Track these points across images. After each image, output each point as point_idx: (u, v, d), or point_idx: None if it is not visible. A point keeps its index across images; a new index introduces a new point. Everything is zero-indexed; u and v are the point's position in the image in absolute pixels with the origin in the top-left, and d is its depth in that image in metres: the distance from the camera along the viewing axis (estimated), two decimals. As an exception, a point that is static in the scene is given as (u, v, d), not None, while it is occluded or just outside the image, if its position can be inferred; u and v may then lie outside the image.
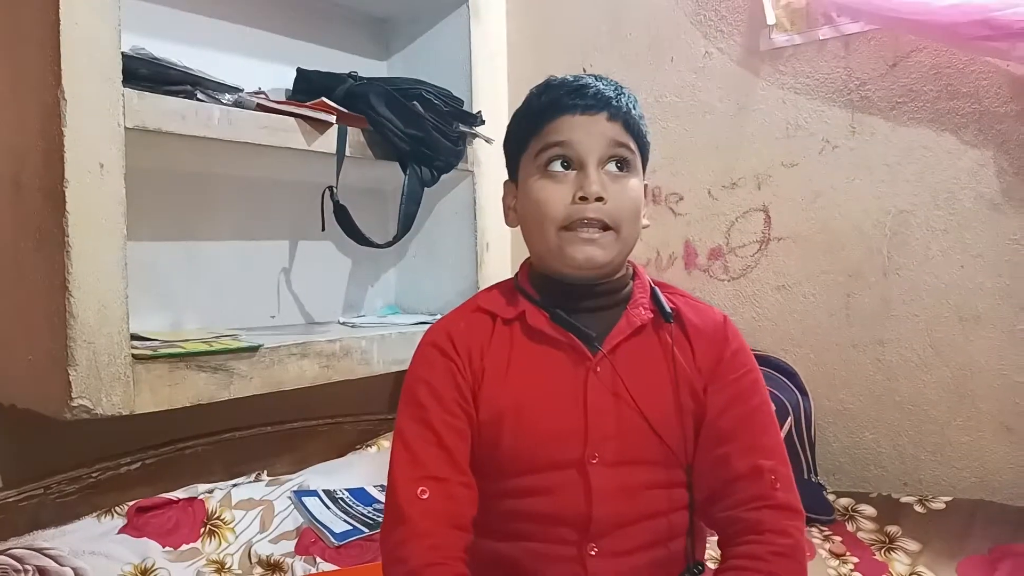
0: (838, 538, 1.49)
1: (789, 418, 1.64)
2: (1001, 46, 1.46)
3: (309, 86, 1.75)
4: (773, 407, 0.92)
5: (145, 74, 1.34)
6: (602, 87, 0.88)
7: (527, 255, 0.96)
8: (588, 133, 0.86)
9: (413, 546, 0.81)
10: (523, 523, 0.86)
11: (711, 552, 1.03)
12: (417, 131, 1.71)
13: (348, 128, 1.65)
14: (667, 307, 0.90)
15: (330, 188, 1.64)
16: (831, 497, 1.63)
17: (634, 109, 0.89)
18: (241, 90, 1.52)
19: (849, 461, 1.75)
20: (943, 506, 1.53)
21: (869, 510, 1.57)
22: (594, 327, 0.88)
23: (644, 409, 0.85)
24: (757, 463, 0.85)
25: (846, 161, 1.73)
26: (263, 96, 1.61)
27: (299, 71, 1.80)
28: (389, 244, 1.75)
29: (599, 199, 0.84)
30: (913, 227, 1.67)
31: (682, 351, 0.89)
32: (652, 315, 0.90)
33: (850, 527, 1.53)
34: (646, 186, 0.92)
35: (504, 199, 0.96)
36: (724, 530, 0.86)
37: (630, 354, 0.88)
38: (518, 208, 0.93)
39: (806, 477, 1.64)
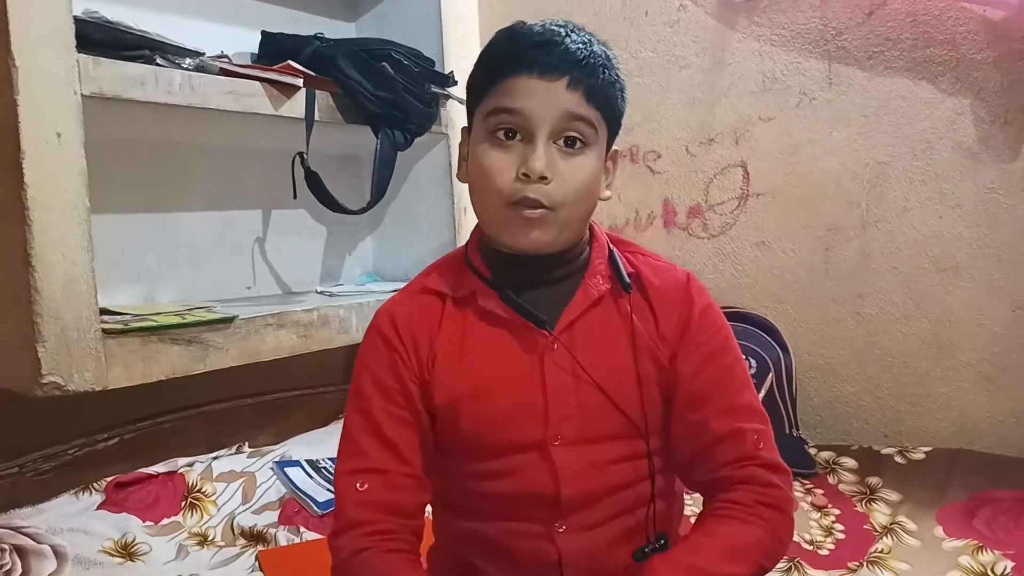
0: (820, 491, 1.50)
1: (770, 374, 1.65)
2: (978, -10, 1.44)
3: (274, 49, 1.70)
4: (747, 364, 0.91)
5: (100, 39, 1.29)
6: (570, 44, 0.79)
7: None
8: (542, 102, 0.78)
9: (346, 536, 0.80)
10: (491, 502, 0.85)
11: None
12: (387, 93, 1.67)
13: (316, 92, 1.61)
14: (626, 275, 0.86)
15: (300, 154, 1.61)
16: (812, 451, 1.64)
17: (603, 74, 0.80)
18: (203, 54, 1.48)
19: (830, 415, 1.76)
20: (923, 456, 1.55)
21: (850, 462, 1.58)
22: (549, 302, 0.84)
23: (603, 384, 0.83)
24: (738, 426, 0.83)
25: (823, 113, 1.71)
26: (226, 60, 1.56)
27: (264, 34, 1.75)
28: (363, 210, 1.72)
29: (542, 178, 0.78)
30: (891, 179, 1.66)
31: (643, 318, 0.85)
32: (610, 284, 0.86)
33: (831, 480, 1.55)
34: (616, 152, 0.87)
35: (460, 147, 0.88)
36: (710, 490, 0.85)
37: (587, 328, 0.84)
38: (468, 166, 0.85)
39: (787, 432, 1.64)
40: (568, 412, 0.83)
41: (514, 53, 0.80)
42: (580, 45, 0.79)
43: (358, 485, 0.81)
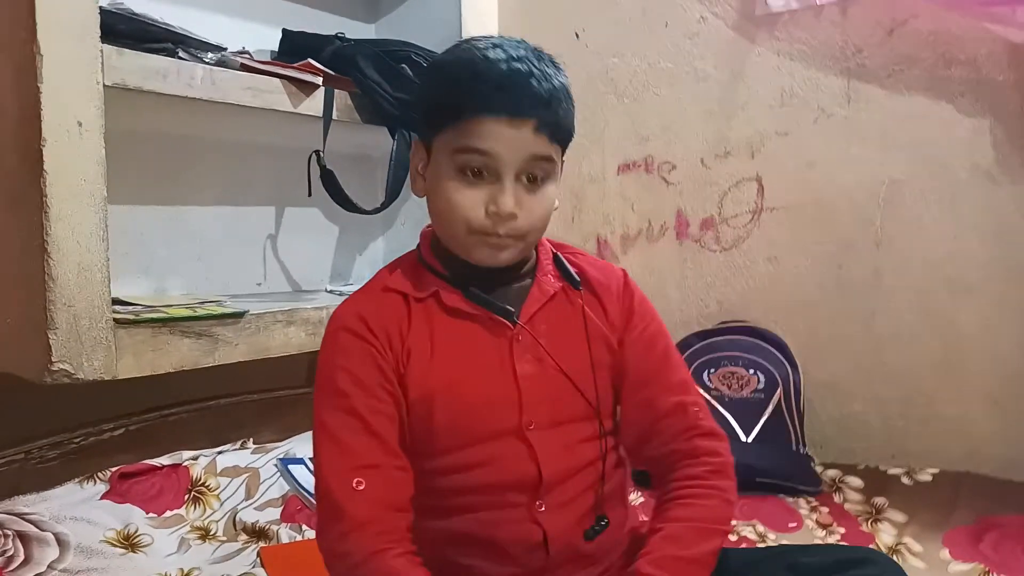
0: (825, 509, 1.49)
1: (778, 389, 1.64)
2: (1002, 11, 1.44)
3: (295, 47, 1.71)
4: (674, 346, 0.98)
5: (124, 30, 1.29)
6: (535, 85, 0.80)
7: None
8: (510, 146, 0.81)
9: (356, 537, 0.80)
10: (469, 496, 0.87)
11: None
12: (406, 95, 1.67)
13: (335, 91, 1.62)
14: (574, 273, 0.93)
15: (317, 152, 1.61)
16: (819, 469, 1.63)
17: (564, 108, 0.84)
18: (225, 49, 1.48)
19: (837, 433, 1.75)
20: (930, 478, 1.54)
21: (856, 481, 1.57)
22: (507, 300, 0.89)
23: (566, 369, 0.89)
24: (679, 399, 0.92)
25: (841, 130, 1.71)
26: (247, 56, 1.57)
27: (285, 32, 1.76)
28: (377, 210, 1.72)
29: (511, 214, 0.82)
30: (906, 197, 1.65)
31: (593, 310, 0.92)
32: (561, 283, 0.92)
33: (837, 498, 1.54)
34: (562, 163, 0.89)
35: (412, 160, 0.91)
36: (660, 463, 0.92)
37: (546, 320, 0.90)
38: (428, 185, 0.88)
39: (794, 448, 1.64)
40: (539, 398, 0.88)
41: (481, 94, 0.81)
42: (544, 84, 0.82)
43: (354, 483, 0.81)
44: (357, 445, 0.83)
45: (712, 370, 1.68)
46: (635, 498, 1.44)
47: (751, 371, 1.67)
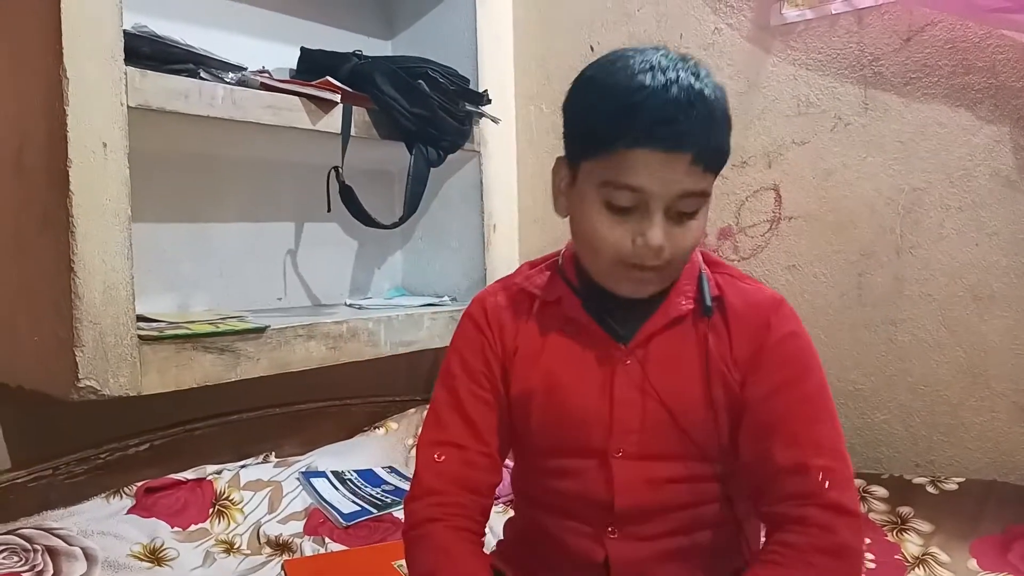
0: (849, 519, 1.47)
1: (800, 399, 1.63)
2: (1019, 18, 1.43)
3: (313, 65, 1.73)
4: (830, 398, 0.85)
5: (148, 52, 1.32)
6: (694, 116, 0.75)
7: (536, 238, 0.94)
8: (663, 182, 0.76)
9: (419, 503, 0.86)
10: (554, 498, 0.89)
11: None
12: (423, 110, 1.69)
13: (353, 108, 1.64)
14: (708, 299, 0.85)
15: (336, 168, 1.63)
16: (842, 478, 1.61)
17: (721, 136, 0.79)
18: (245, 69, 1.51)
19: (861, 442, 1.74)
20: (956, 487, 1.51)
21: (881, 491, 1.55)
22: (629, 317, 0.86)
23: (670, 404, 0.83)
24: (803, 460, 0.79)
25: (858, 138, 1.70)
26: (267, 75, 1.59)
27: (303, 50, 1.79)
28: (395, 225, 1.74)
29: (659, 248, 0.78)
30: (927, 205, 1.64)
31: (719, 342, 0.84)
32: (693, 305, 0.86)
33: (862, 508, 1.52)
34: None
35: (555, 178, 0.87)
36: (768, 524, 0.83)
37: (663, 346, 0.85)
38: (572, 208, 0.84)
39: (817, 458, 1.62)
40: (632, 427, 0.84)
41: (636, 128, 0.75)
42: (703, 110, 0.76)
43: (436, 456, 0.87)
44: (450, 422, 0.89)
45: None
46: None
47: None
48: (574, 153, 0.83)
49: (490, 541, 1.01)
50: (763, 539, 0.86)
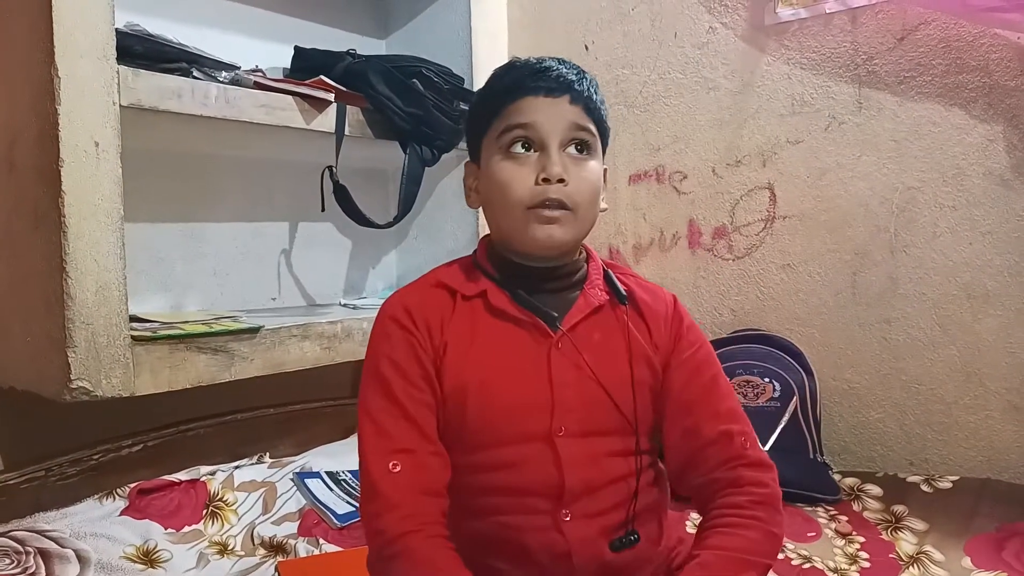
0: (844, 518, 1.48)
1: (794, 397, 1.63)
2: (1012, 17, 1.43)
3: (307, 64, 1.73)
4: (725, 375, 0.97)
5: (140, 51, 1.32)
6: (564, 70, 0.89)
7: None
8: (550, 115, 0.87)
9: (388, 518, 0.83)
10: (495, 497, 0.89)
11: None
12: (417, 109, 1.69)
13: (347, 107, 1.63)
14: (621, 289, 0.93)
15: (330, 168, 1.62)
16: (837, 477, 1.62)
17: (595, 94, 0.91)
18: (238, 68, 1.50)
19: (855, 441, 1.74)
20: (950, 485, 1.52)
21: (875, 490, 1.56)
22: (553, 307, 0.91)
23: (604, 382, 0.89)
24: (726, 428, 0.90)
25: (852, 137, 1.71)
26: (260, 74, 1.59)
27: (297, 49, 1.78)
28: (390, 224, 1.73)
29: (560, 180, 0.86)
30: (921, 204, 1.64)
31: (637, 328, 0.92)
32: (608, 296, 0.93)
33: (856, 507, 1.52)
34: (605, 170, 0.94)
35: (465, 180, 0.97)
36: (703, 492, 0.91)
37: (588, 331, 0.91)
38: (480, 189, 0.93)
39: (812, 457, 1.62)
40: (572, 406, 0.88)
41: (516, 81, 0.89)
42: (574, 71, 0.90)
43: (390, 466, 0.85)
44: (395, 429, 0.87)
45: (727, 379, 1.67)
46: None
47: (766, 379, 1.67)
48: (476, 143, 0.94)
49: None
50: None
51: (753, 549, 0.84)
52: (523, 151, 0.88)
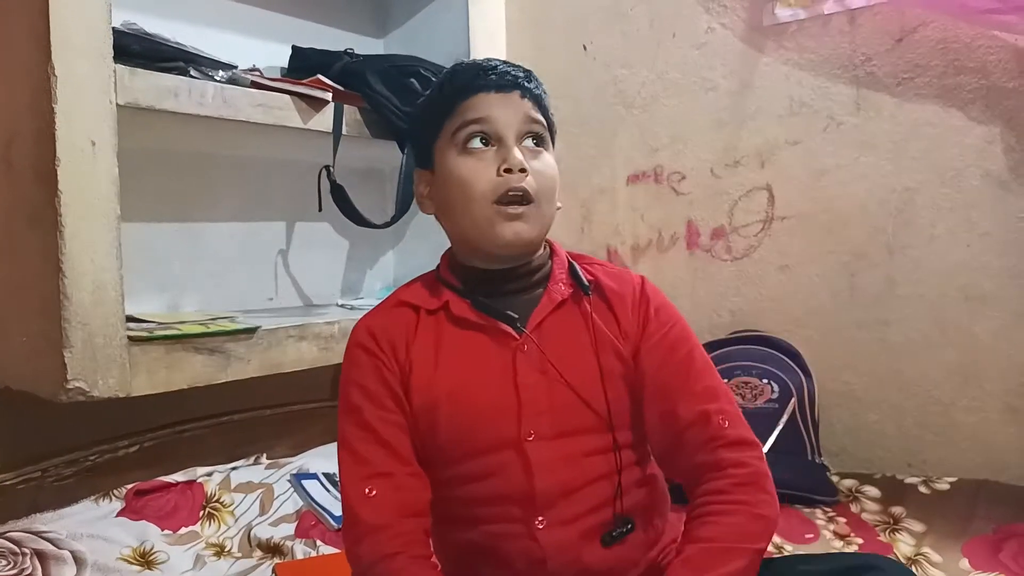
0: (842, 519, 1.48)
1: (792, 399, 1.63)
2: (1010, 19, 1.44)
3: (304, 64, 1.72)
4: (704, 351, 0.94)
5: (137, 50, 1.31)
6: (511, 69, 0.90)
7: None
8: (504, 109, 0.87)
9: (369, 541, 0.83)
10: (472, 508, 0.88)
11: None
12: (415, 109, 1.68)
13: (344, 106, 1.63)
14: (585, 280, 0.92)
15: (327, 168, 1.62)
16: (835, 478, 1.62)
17: (541, 91, 0.91)
18: (235, 67, 1.49)
19: (853, 442, 1.74)
20: (948, 487, 1.52)
21: (873, 491, 1.56)
22: (517, 309, 0.90)
23: (571, 380, 0.87)
24: (703, 408, 0.87)
25: (851, 138, 1.71)
26: (257, 73, 1.58)
27: (294, 48, 1.78)
28: (387, 224, 1.73)
29: (523, 170, 0.86)
30: (919, 206, 1.65)
31: (604, 318, 0.91)
32: (572, 290, 0.92)
33: (854, 508, 1.52)
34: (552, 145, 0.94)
35: (416, 188, 0.95)
36: (687, 478, 0.89)
37: (554, 329, 0.90)
38: (435, 194, 0.92)
39: (809, 458, 1.62)
40: (540, 408, 0.87)
41: (467, 81, 0.89)
42: (521, 70, 0.91)
43: (367, 491, 0.85)
44: (369, 455, 0.86)
45: (725, 380, 1.65)
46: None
47: (764, 381, 1.67)
48: (427, 148, 0.92)
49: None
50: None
51: (738, 535, 0.81)
52: (481, 146, 0.87)
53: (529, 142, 0.88)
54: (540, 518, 0.85)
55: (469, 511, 0.88)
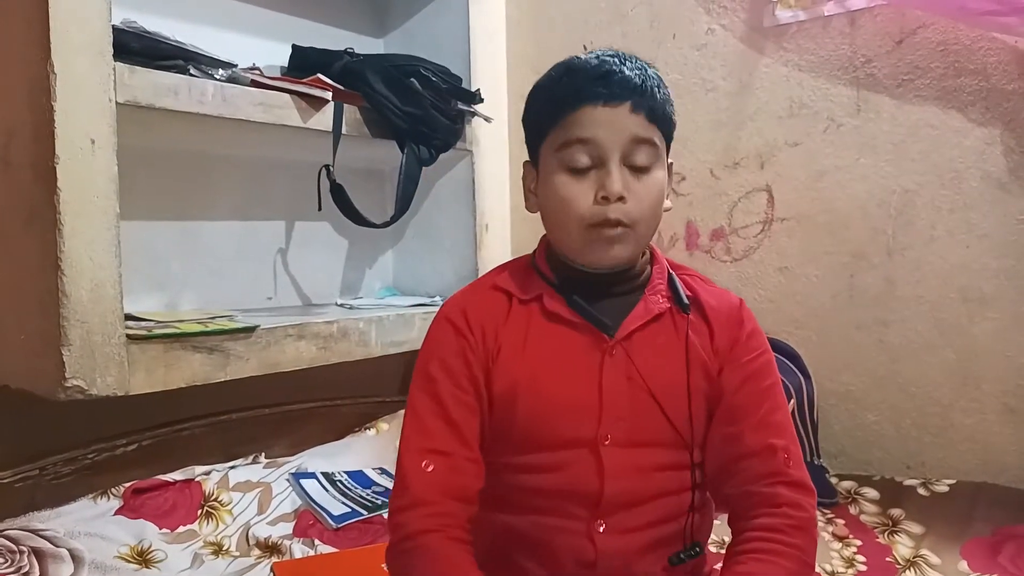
0: (841, 521, 1.48)
1: (792, 400, 1.63)
2: (1010, 21, 1.44)
3: (305, 63, 1.72)
4: (783, 391, 0.93)
5: (136, 48, 1.31)
6: (627, 72, 0.84)
7: (528, 237, 0.94)
8: (610, 129, 0.84)
9: (412, 514, 0.83)
10: (534, 497, 0.88)
11: (716, 536, 1.02)
12: (415, 109, 1.68)
13: (344, 105, 1.63)
14: (684, 296, 0.90)
15: (327, 167, 1.62)
16: (834, 480, 1.62)
17: (659, 93, 0.86)
18: (235, 66, 1.49)
19: (852, 444, 1.74)
20: (946, 489, 1.52)
21: (872, 493, 1.56)
22: (611, 313, 0.89)
23: (656, 391, 0.87)
24: (770, 441, 0.86)
25: (851, 140, 1.71)
26: (257, 72, 1.58)
27: (295, 48, 1.78)
28: (387, 224, 1.73)
29: (620, 199, 0.84)
30: (918, 207, 1.64)
31: (699, 333, 0.89)
32: (669, 303, 0.90)
33: (853, 510, 1.52)
34: (670, 165, 0.91)
35: (524, 181, 0.94)
36: (737, 505, 0.88)
37: (645, 339, 0.88)
38: (539, 196, 0.91)
39: (809, 460, 1.62)
40: (620, 414, 0.86)
41: (577, 87, 0.85)
42: (636, 71, 0.85)
43: (424, 464, 0.85)
44: (435, 429, 0.87)
45: (724, 381, 1.67)
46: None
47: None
48: (534, 146, 0.91)
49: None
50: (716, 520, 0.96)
51: None
52: (583, 166, 0.85)
53: (637, 157, 0.85)
54: (601, 522, 0.85)
55: (527, 500, 0.88)
